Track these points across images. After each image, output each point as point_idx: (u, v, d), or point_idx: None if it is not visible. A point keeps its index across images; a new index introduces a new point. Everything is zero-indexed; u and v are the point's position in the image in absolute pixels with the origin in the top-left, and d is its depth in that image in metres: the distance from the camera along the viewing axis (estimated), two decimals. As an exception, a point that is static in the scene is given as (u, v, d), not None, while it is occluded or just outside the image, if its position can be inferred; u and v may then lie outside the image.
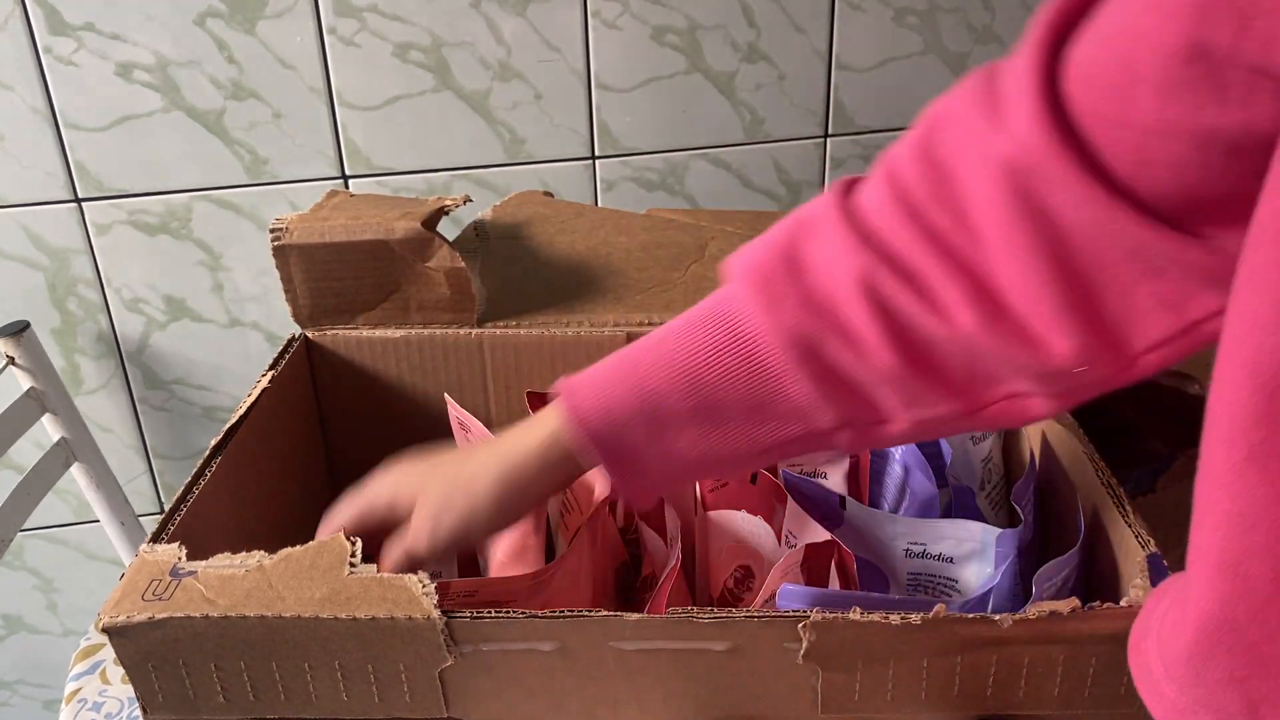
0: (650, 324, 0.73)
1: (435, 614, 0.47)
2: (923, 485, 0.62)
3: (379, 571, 0.50)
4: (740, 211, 0.95)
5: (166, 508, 0.57)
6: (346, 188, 1.07)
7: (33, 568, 1.23)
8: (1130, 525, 0.52)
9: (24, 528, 1.03)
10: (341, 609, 0.48)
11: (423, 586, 0.48)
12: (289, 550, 0.51)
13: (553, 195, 0.95)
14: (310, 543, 0.51)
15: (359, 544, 0.51)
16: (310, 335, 0.76)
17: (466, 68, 1.04)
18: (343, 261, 0.73)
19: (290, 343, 0.75)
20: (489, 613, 0.48)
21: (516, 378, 0.75)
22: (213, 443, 0.62)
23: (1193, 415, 0.35)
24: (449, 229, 0.80)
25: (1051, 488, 0.64)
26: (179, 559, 0.51)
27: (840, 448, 0.49)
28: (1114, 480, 0.56)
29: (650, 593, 0.61)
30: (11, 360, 1.02)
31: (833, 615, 0.47)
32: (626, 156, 1.10)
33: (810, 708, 0.50)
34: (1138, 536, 0.51)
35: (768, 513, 0.63)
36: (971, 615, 0.47)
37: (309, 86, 1.03)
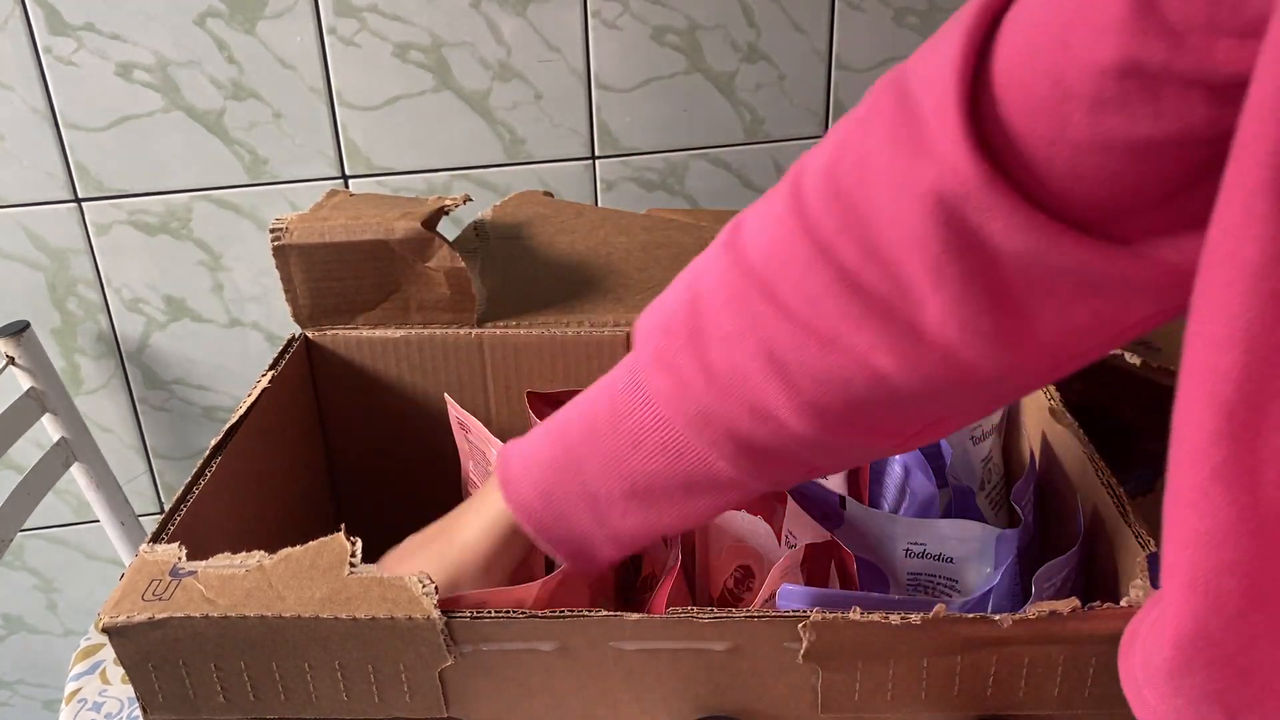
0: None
1: (435, 614, 0.47)
2: (923, 485, 0.62)
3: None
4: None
5: (166, 508, 0.57)
6: (346, 188, 1.07)
7: (33, 568, 1.23)
8: (1130, 525, 0.52)
9: (24, 528, 1.03)
10: (341, 609, 0.48)
11: (423, 587, 0.48)
12: (289, 550, 0.51)
13: (553, 195, 0.95)
14: (310, 543, 0.51)
15: (359, 544, 0.51)
16: (310, 335, 0.76)
17: (466, 68, 1.04)
18: (343, 261, 0.73)
19: (290, 343, 0.75)
20: (489, 613, 0.48)
21: (516, 378, 0.75)
22: (213, 443, 0.62)
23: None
24: (449, 229, 0.80)
25: (1051, 488, 0.64)
26: (179, 559, 0.51)
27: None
28: (1114, 480, 0.56)
29: (650, 593, 0.61)
30: (11, 360, 1.02)
31: (832, 615, 0.47)
32: (626, 156, 1.10)
33: (810, 708, 0.50)
34: (1138, 536, 0.51)
35: (768, 513, 0.63)
36: (971, 615, 0.47)
37: (309, 86, 1.03)
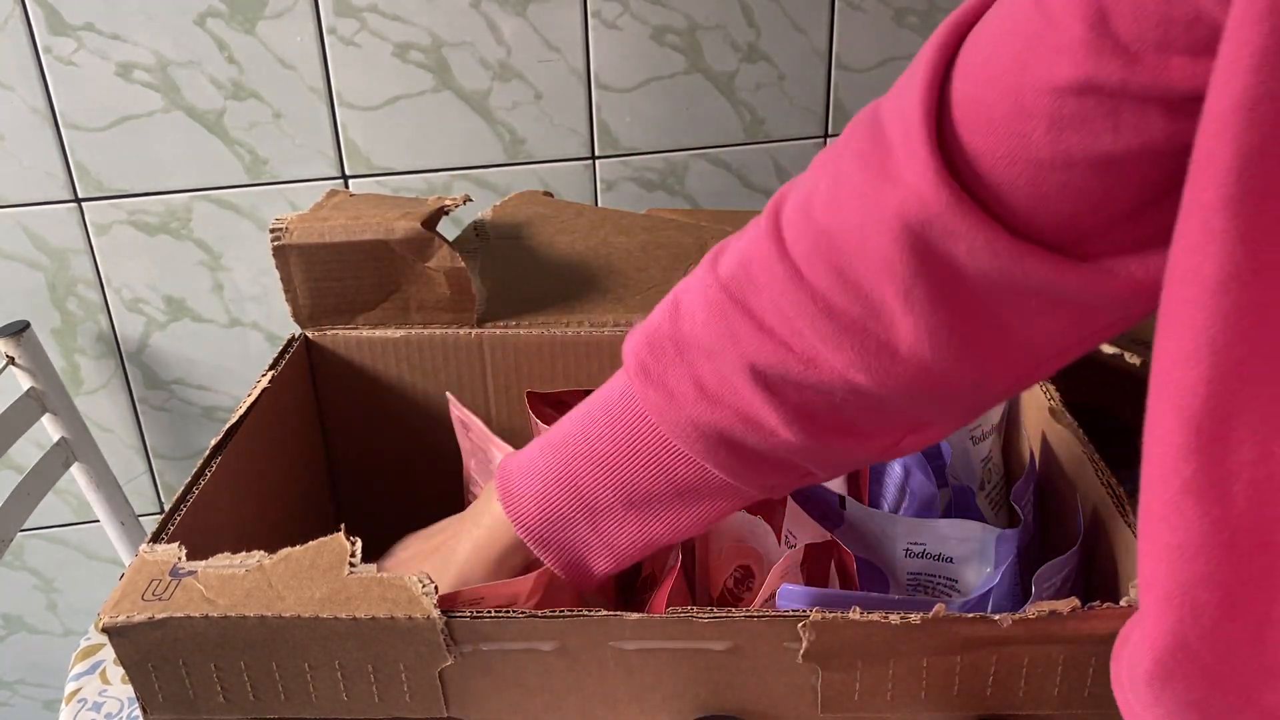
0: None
1: (435, 614, 0.47)
2: (923, 485, 0.62)
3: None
4: (740, 211, 0.95)
5: (166, 508, 0.57)
6: (346, 188, 1.07)
7: (33, 568, 1.23)
8: (1130, 525, 0.52)
9: (24, 528, 1.03)
10: (341, 609, 0.48)
11: (422, 586, 0.48)
12: (289, 550, 0.51)
13: (553, 195, 0.95)
14: (310, 542, 0.51)
15: (359, 544, 0.51)
16: (310, 335, 0.76)
17: (466, 68, 1.04)
18: (343, 261, 0.73)
19: (290, 343, 0.75)
20: (489, 612, 0.48)
21: (516, 378, 0.75)
22: (213, 443, 0.62)
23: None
24: (449, 229, 0.80)
25: (1051, 488, 0.64)
26: (179, 559, 0.51)
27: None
28: (1114, 480, 0.56)
29: (650, 593, 0.61)
30: (11, 360, 1.02)
31: (832, 615, 0.47)
32: (626, 156, 1.10)
33: (810, 707, 0.50)
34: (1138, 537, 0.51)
35: (768, 513, 0.63)
36: (971, 615, 0.47)
37: (309, 86, 1.03)
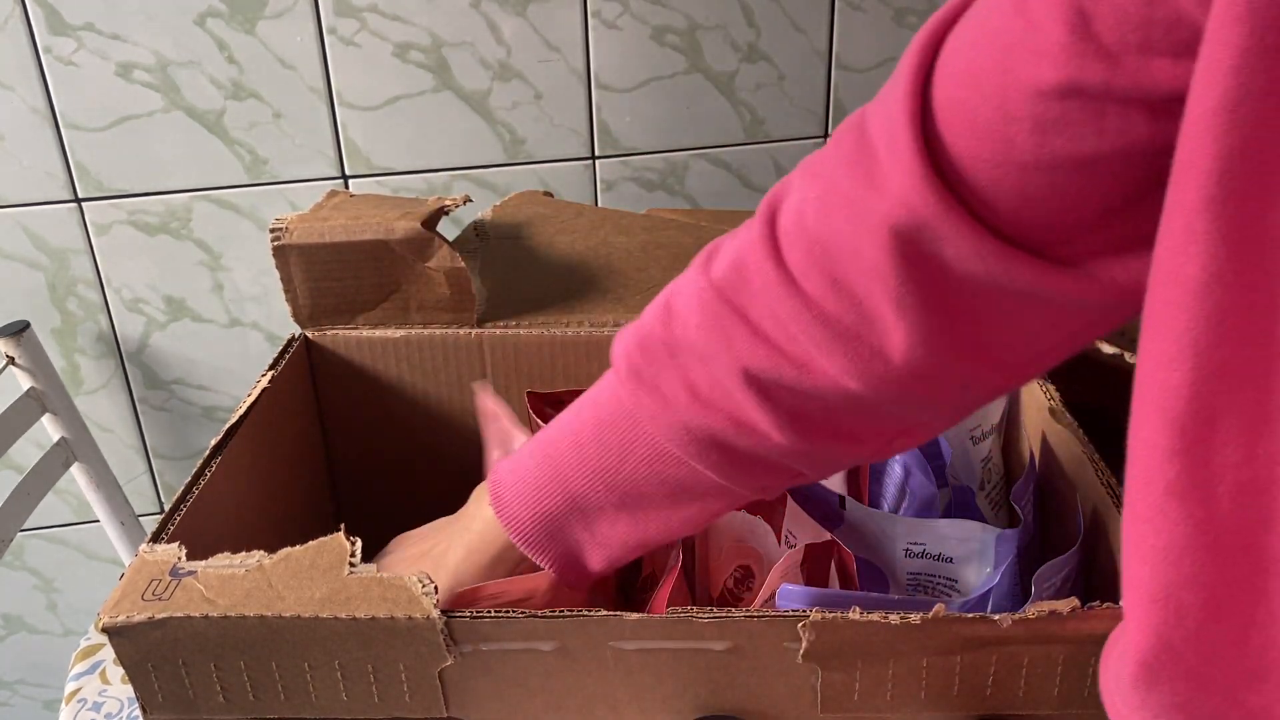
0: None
1: (435, 614, 0.47)
2: (923, 485, 0.62)
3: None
4: (740, 211, 0.95)
5: (166, 508, 0.57)
6: (346, 188, 1.07)
7: (33, 568, 1.23)
8: (1130, 525, 0.52)
9: (24, 528, 1.03)
10: (341, 609, 0.48)
11: (422, 586, 0.48)
12: (289, 550, 0.51)
13: (553, 195, 0.95)
14: (310, 543, 0.51)
15: (358, 544, 0.51)
16: (310, 335, 0.76)
17: (466, 68, 1.04)
18: (343, 261, 0.73)
19: (290, 343, 0.75)
20: (489, 612, 0.48)
21: (516, 378, 0.75)
22: (213, 443, 0.62)
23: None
24: (449, 229, 0.80)
25: (1051, 488, 0.64)
26: (179, 559, 0.51)
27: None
28: (1114, 480, 0.56)
29: (650, 593, 0.61)
30: (11, 360, 1.02)
31: (832, 615, 0.47)
32: (626, 156, 1.10)
33: (810, 707, 0.50)
34: (1137, 536, 0.51)
35: (768, 513, 0.63)
36: (971, 615, 0.47)
37: (309, 86, 1.03)
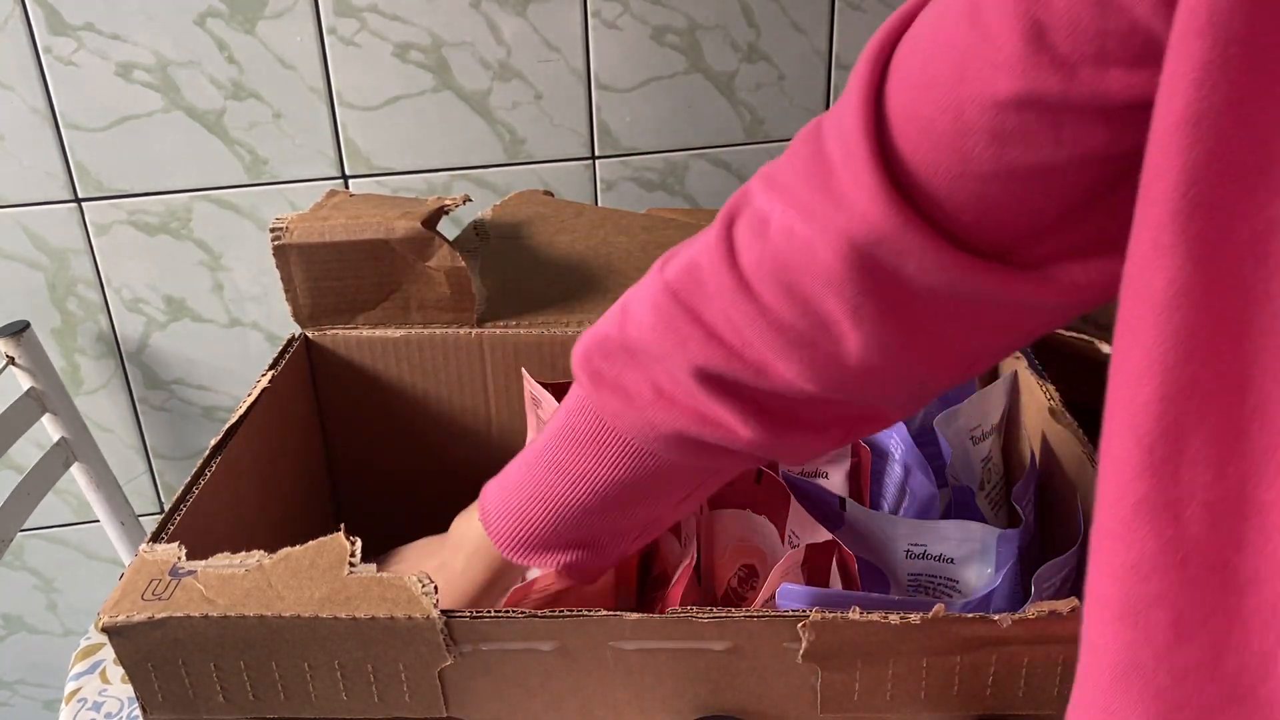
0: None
1: (435, 613, 0.47)
2: (923, 485, 0.62)
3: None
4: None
5: (166, 508, 0.57)
6: (346, 188, 1.07)
7: (33, 568, 1.23)
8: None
9: (24, 528, 1.03)
10: (341, 609, 0.48)
11: (422, 586, 0.48)
12: (289, 550, 0.51)
13: (553, 195, 0.95)
14: (310, 543, 0.51)
15: (358, 544, 0.51)
16: (310, 335, 0.76)
17: (466, 68, 1.04)
18: (343, 261, 0.73)
19: (290, 343, 0.75)
20: (489, 612, 0.48)
21: (516, 377, 0.75)
22: (213, 443, 0.62)
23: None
24: (449, 229, 0.80)
25: (1051, 487, 0.64)
26: (179, 559, 0.51)
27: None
28: (1114, 480, 0.56)
29: (660, 591, 0.61)
30: (11, 360, 1.02)
31: (832, 615, 0.47)
32: (626, 156, 1.10)
33: (810, 707, 0.50)
34: (1137, 536, 0.51)
35: (773, 512, 0.63)
36: (970, 615, 0.47)
37: (309, 86, 1.03)
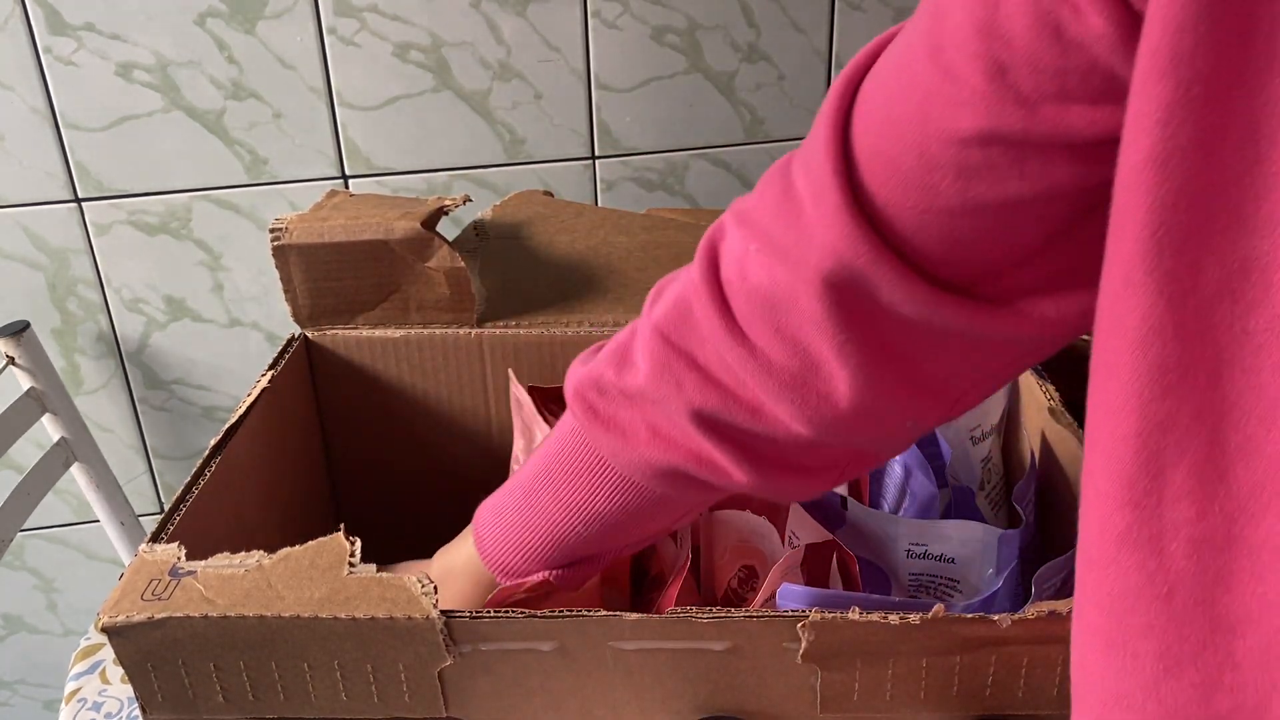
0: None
1: (434, 614, 0.47)
2: (923, 486, 0.62)
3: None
4: (740, 211, 0.95)
5: (166, 508, 0.57)
6: (346, 188, 1.07)
7: (33, 568, 1.23)
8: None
9: (24, 528, 1.03)
10: (341, 609, 0.48)
11: (421, 586, 0.48)
12: (288, 550, 0.51)
13: (553, 195, 0.95)
14: (310, 543, 0.51)
15: (358, 544, 0.51)
16: (310, 335, 0.76)
17: (466, 68, 1.04)
18: (342, 261, 0.73)
19: (290, 343, 0.75)
20: (488, 612, 0.48)
21: (517, 378, 0.75)
22: (212, 443, 0.62)
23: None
24: (449, 229, 0.80)
25: (1051, 488, 0.64)
26: (178, 559, 0.51)
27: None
28: (1114, 480, 0.56)
29: (657, 592, 0.61)
30: (11, 360, 1.02)
31: (832, 615, 0.47)
32: (626, 156, 1.10)
33: (809, 707, 0.50)
34: (1137, 536, 0.51)
35: (773, 512, 0.63)
36: (970, 615, 0.47)
37: (309, 86, 1.03)
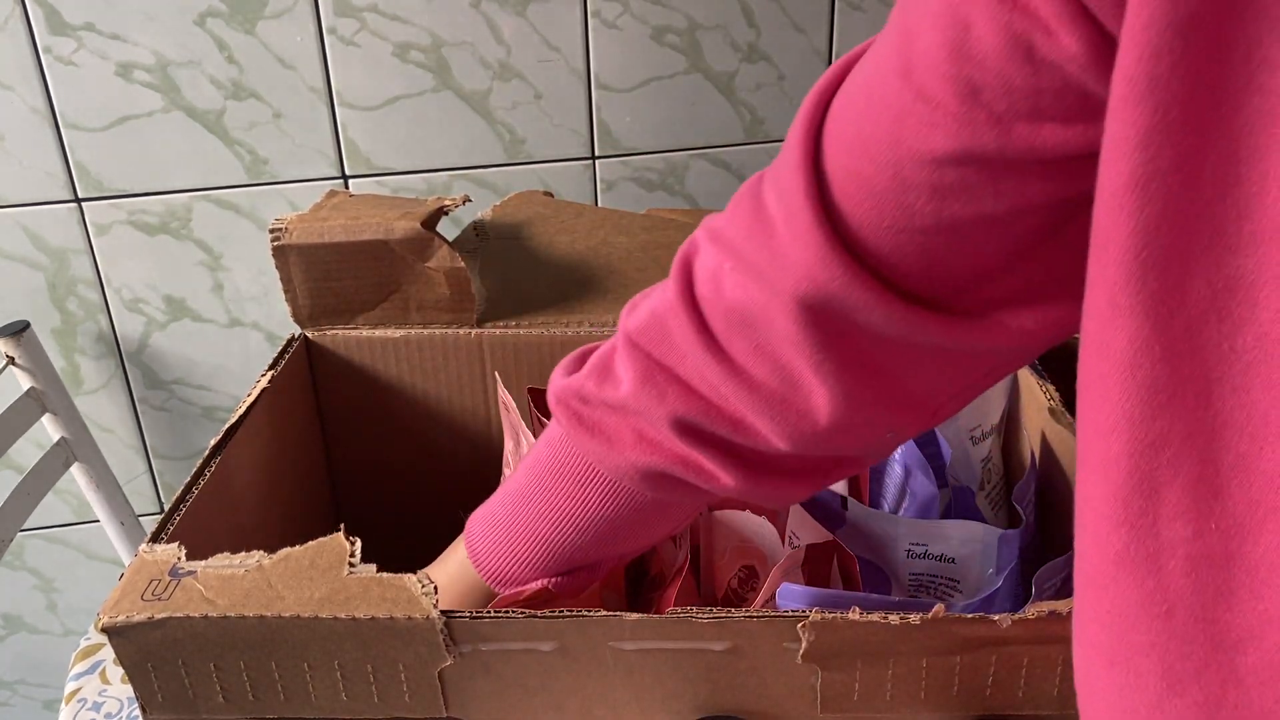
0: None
1: (434, 614, 0.47)
2: (923, 486, 0.62)
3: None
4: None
5: (166, 508, 0.57)
6: (346, 188, 1.07)
7: (33, 568, 1.23)
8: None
9: (24, 528, 1.03)
10: (341, 609, 0.48)
11: (422, 587, 0.48)
12: (288, 550, 0.51)
13: (553, 195, 0.95)
14: (310, 543, 0.51)
15: (358, 544, 0.51)
16: (310, 335, 0.76)
17: (466, 68, 1.04)
18: (342, 261, 0.73)
19: (290, 343, 0.75)
20: (488, 613, 0.48)
21: (516, 378, 0.75)
22: (212, 443, 0.62)
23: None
24: (449, 229, 0.80)
25: (1051, 487, 0.64)
26: (178, 559, 0.51)
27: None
28: (1114, 480, 0.56)
29: (656, 592, 0.61)
30: (11, 360, 1.02)
31: (832, 615, 0.47)
32: (626, 156, 1.10)
33: (810, 707, 0.50)
34: (1137, 536, 0.51)
35: (773, 512, 0.63)
36: (970, 615, 0.47)
37: (309, 86, 1.03)
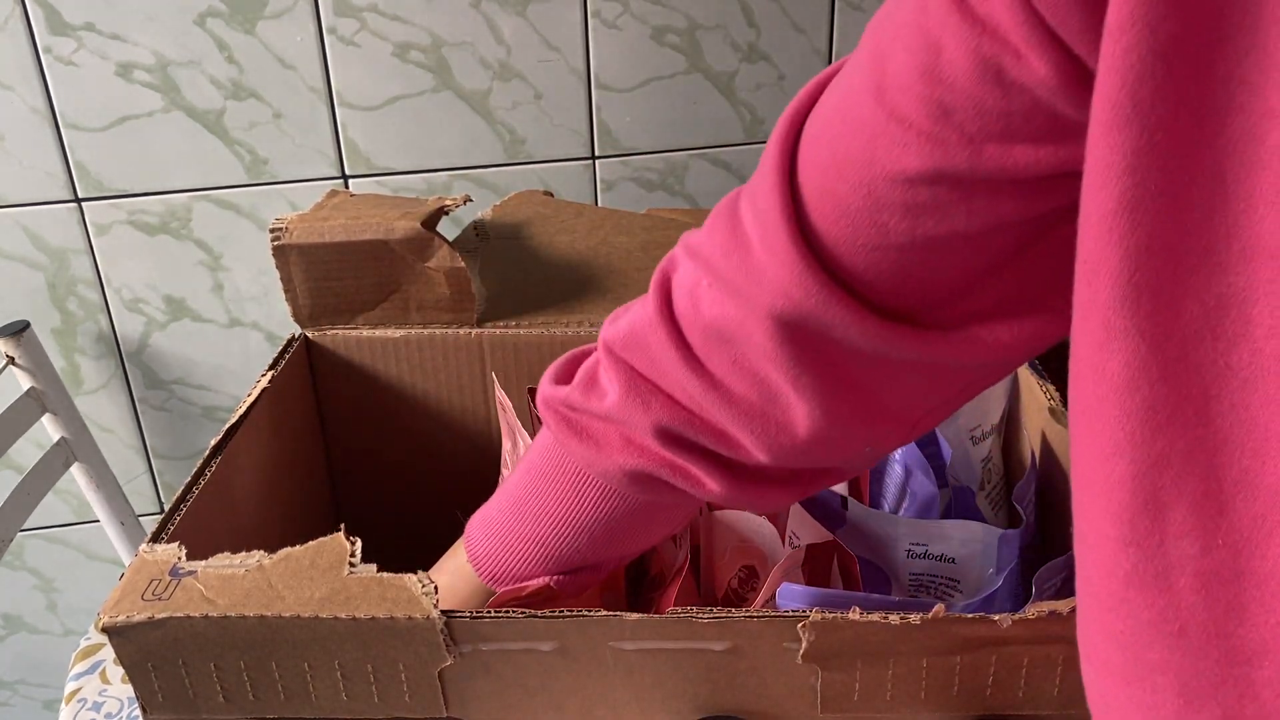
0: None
1: (435, 614, 0.47)
2: (923, 486, 0.62)
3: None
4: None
5: (166, 508, 0.57)
6: (346, 188, 1.07)
7: (33, 568, 1.23)
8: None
9: (24, 528, 1.03)
10: (341, 609, 0.48)
11: (422, 586, 0.48)
12: (289, 550, 0.51)
13: (553, 195, 0.95)
14: (310, 543, 0.51)
15: (358, 544, 0.51)
16: (310, 335, 0.76)
17: (466, 68, 1.04)
18: (343, 261, 0.73)
19: (290, 343, 0.75)
20: (488, 613, 0.48)
21: (516, 378, 0.75)
22: (212, 443, 0.62)
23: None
24: (449, 229, 0.80)
25: (1051, 487, 0.64)
26: (179, 559, 0.51)
27: None
28: (1114, 480, 0.56)
29: (656, 592, 0.61)
30: (11, 360, 1.02)
31: (832, 615, 0.47)
32: (626, 156, 1.10)
33: (810, 707, 0.50)
34: (1137, 536, 0.51)
35: (772, 514, 0.63)
36: (970, 615, 0.47)
37: (309, 86, 1.03)
